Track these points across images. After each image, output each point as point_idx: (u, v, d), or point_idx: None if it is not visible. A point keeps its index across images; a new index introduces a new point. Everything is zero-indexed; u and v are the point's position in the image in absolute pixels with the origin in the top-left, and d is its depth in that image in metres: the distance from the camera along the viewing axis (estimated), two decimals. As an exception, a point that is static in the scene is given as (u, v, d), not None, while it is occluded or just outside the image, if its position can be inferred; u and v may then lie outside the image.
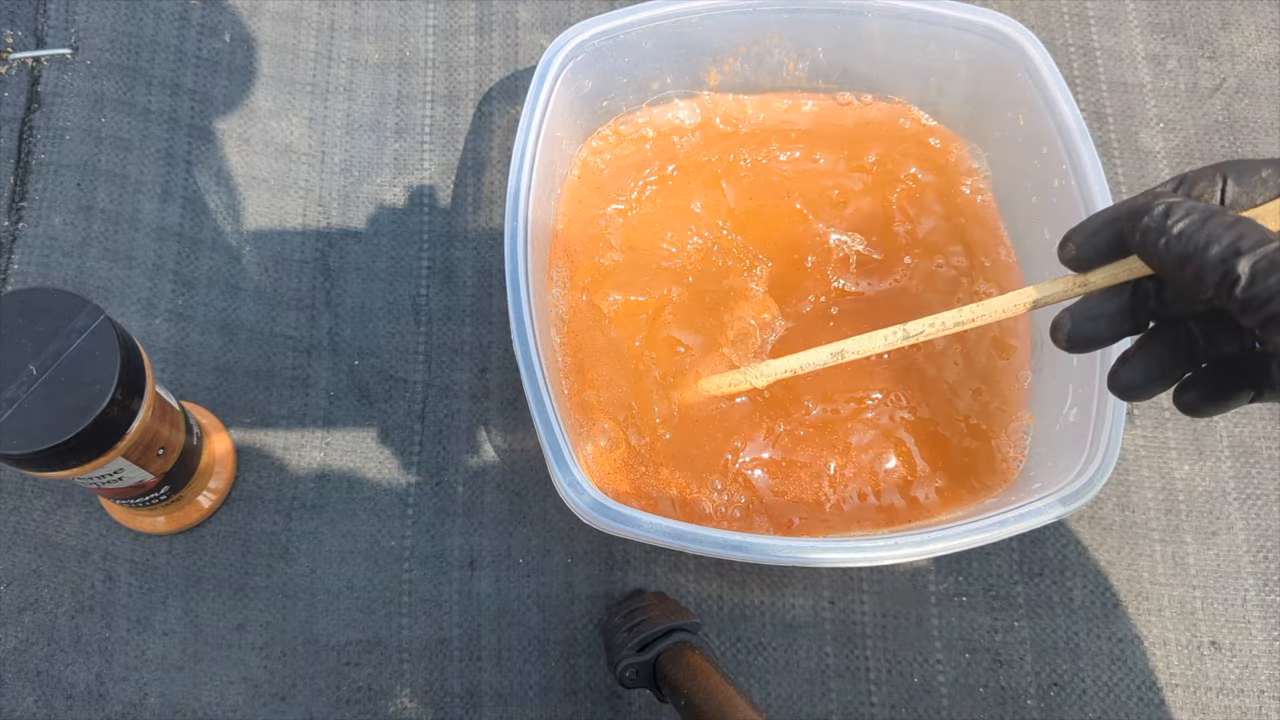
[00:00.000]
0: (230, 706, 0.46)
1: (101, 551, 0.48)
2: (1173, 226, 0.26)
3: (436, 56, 0.57)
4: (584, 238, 0.50)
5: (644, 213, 0.51)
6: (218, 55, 0.56)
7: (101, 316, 0.36)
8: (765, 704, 0.47)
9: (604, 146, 0.53)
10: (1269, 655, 0.48)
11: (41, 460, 0.35)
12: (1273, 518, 0.50)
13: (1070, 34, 0.58)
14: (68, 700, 0.46)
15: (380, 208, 0.54)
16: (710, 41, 0.50)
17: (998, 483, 0.47)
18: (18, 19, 0.56)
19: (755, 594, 0.48)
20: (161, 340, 0.51)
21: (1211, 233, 0.25)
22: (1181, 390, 0.30)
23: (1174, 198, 0.27)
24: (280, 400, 0.50)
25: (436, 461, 0.50)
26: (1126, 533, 0.49)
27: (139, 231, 0.52)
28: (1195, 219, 0.25)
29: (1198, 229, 0.25)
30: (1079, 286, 0.30)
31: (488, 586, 0.48)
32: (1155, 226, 0.26)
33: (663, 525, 0.40)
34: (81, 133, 0.53)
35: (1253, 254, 0.24)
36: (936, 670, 0.47)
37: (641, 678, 0.42)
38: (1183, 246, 0.25)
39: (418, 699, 0.46)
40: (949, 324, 0.34)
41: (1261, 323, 0.24)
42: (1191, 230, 0.25)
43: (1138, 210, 0.27)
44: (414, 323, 0.52)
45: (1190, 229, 0.25)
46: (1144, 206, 0.27)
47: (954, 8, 0.48)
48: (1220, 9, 0.59)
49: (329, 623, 0.47)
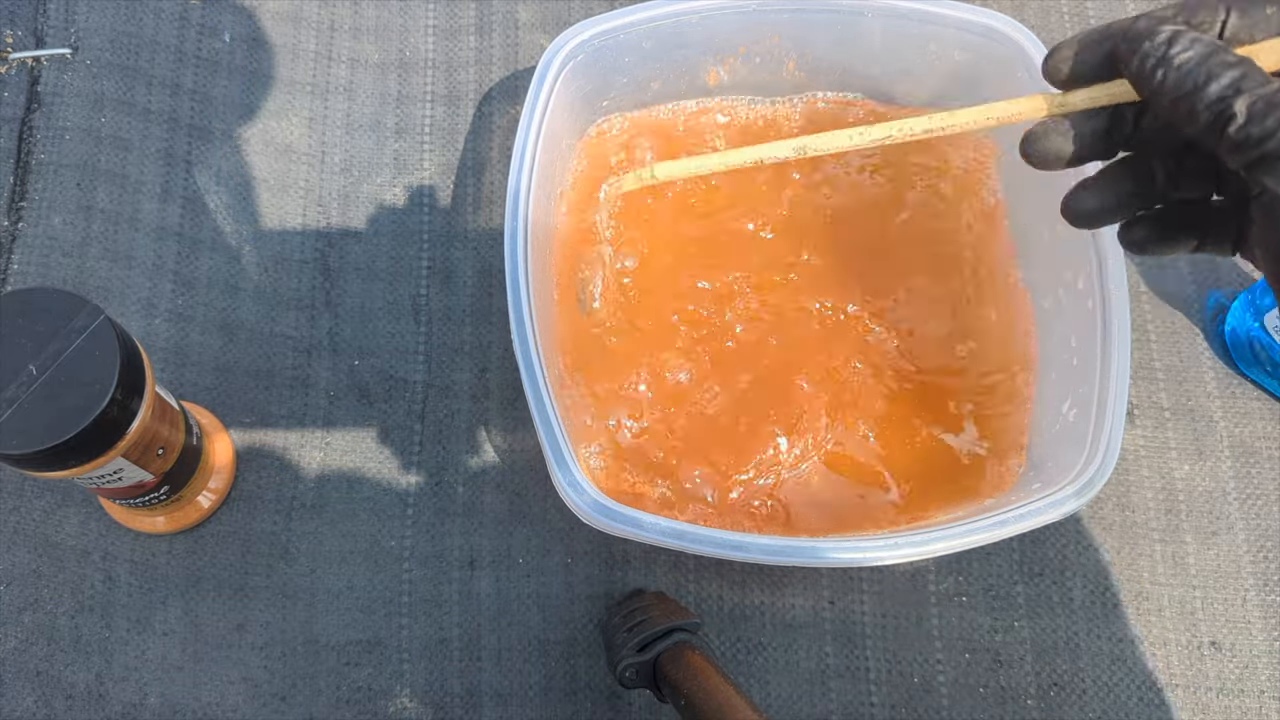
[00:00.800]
0: (230, 706, 0.46)
1: (101, 551, 0.48)
2: (1174, 57, 0.25)
3: (436, 56, 0.57)
4: (584, 238, 0.50)
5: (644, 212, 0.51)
6: (218, 55, 0.56)
7: (101, 316, 0.36)
8: (765, 704, 0.47)
9: (604, 146, 0.53)
10: (1269, 655, 0.48)
11: (41, 460, 0.35)
12: (1273, 518, 0.50)
13: (1070, 34, 0.58)
14: (68, 700, 0.46)
15: (380, 208, 0.54)
16: (710, 41, 0.50)
17: (998, 483, 0.47)
18: (18, 19, 0.56)
19: (755, 594, 0.48)
20: (161, 340, 0.51)
21: (1213, 69, 0.24)
22: (1129, 225, 0.30)
23: (1177, 25, 0.26)
24: (280, 400, 0.50)
25: (436, 461, 0.50)
26: (1126, 533, 0.49)
27: (139, 231, 0.52)
28: (1198, 52, 0.25)
29: (1200, 63, 0.25)
30: (1056, 106, 0.29)
31: (488, 586, 0.48)
32: (1156, 55, 0.26)
33: (663, 525, 0.40)
34: (81, 133, 0.53)
35: (1250, 94, 0.24)
36: (936, 670, 0.47)
37: (641, 678, 0.42)
38: (1182, 79, 0.25)
39: (418, 699, 0.46)
40: (917, 130, 0.32)
41: (1249, 163, 0.24)
42: (1193, 64, 0.25)
43: (1138, 34, 0.26)
44: (414, 323, 0.52)
45: (1192, 62, 0.25)
46: (1145, 30, 0.26)
47: (954, 8, 0.48)
48: (1220, 9, 0.59)
49: (329, 623, 0.47)
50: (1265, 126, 0.23)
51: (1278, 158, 0.23)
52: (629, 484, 0.46)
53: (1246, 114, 0.24)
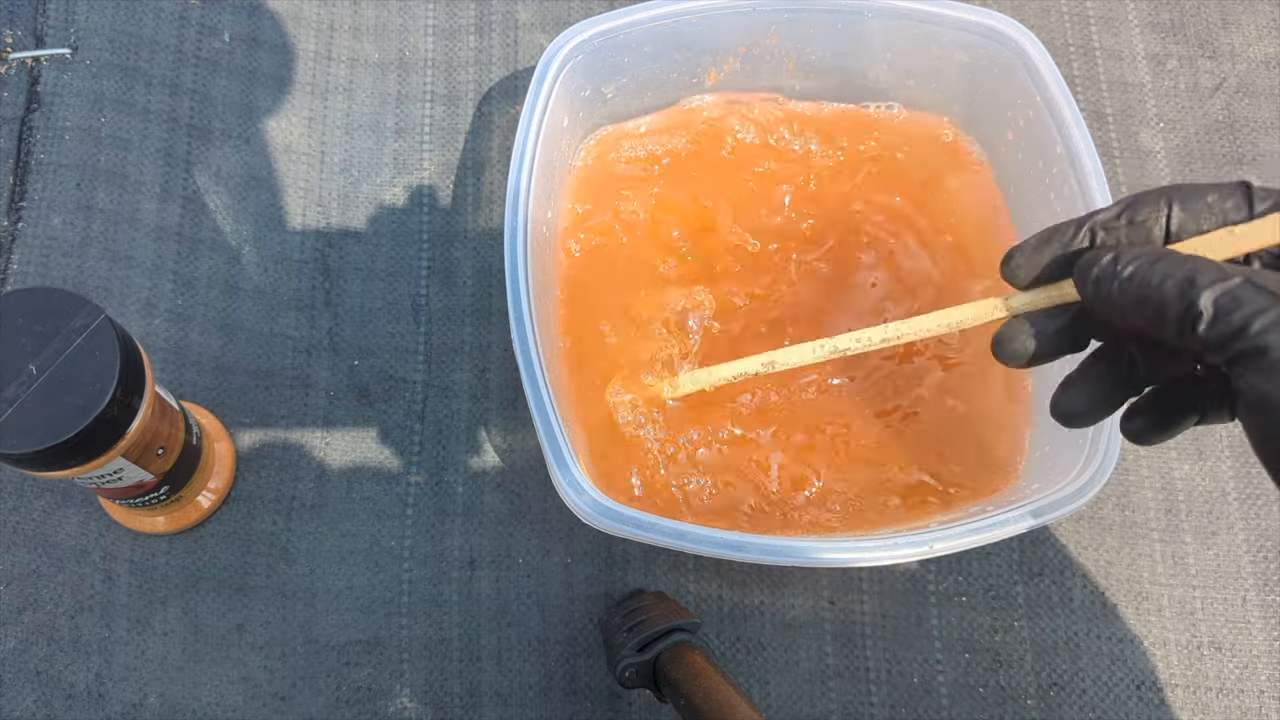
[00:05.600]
0: (230, 706, 0.46)
1: (101, 551, 0.48)
2: (1123, 271, 0.25)
3: (436, 56, 0.57)
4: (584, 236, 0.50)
5: (644, 212, 0.51)
6: (217, 55, 0.56)
7: (101, 316, 0.36)
8: (765, 704, 0.47)
9: (604, 146, 0.53)
10: (1269, 655, 0.48)
11: (41, 460, 0.35)
12: (1273, 518, 0.50)
13: (1070, 34, 0.58)
14: (67, 700, 0.46)
15: (380, 207, 0.54)
16: (710, 41, 0.50)
17: (998, 483, 0.47)
18: (17, 19, 0.56)
19: (755, 594, 0.48)
20: (161, 340, 0.51)
21: (1166, 271, 0.24)
22: (1127, 418, 0.29)
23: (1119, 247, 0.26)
24: (280, 400, 0.50)
25: (436, 461, 0.50)
26: (1126, 533, 0.49)
27: (139, 231, 0.52)
28: (1145, 260, 0.25)
29: (1149, 269, 0.25)
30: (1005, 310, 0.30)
31: (487, 586, 0.48)
32: (1106, 275, 0.26)
33: (663, 525, 0.40)
34: (81, 132, 0.53)
35: (1212, 288, 0.23)
36: (936, 670, 0.47)
37: (641, 678, 0.42)
38: (1137, 289, 0.25)
39: (418, 699, 0.46)
40: (875, 340, 0.34)
41: (1229, 360, 0.23)
42: (1143, 272, 0.25)
43: (1085, 264, 0.27)
44: (414, 323, 0.52)
45: (1142, 270, 0.25)
46: (1091, 258, 0.26)
47: (954, 8, 0.48)
48: (1220, 9, 0.59)
49: (329, 623, 0.47)
50: (1232, 323, 0.23)
51: (1253, 354, 0.23)
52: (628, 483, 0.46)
53: (1214, 309, 0.23)
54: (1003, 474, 0.47)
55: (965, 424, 0.48)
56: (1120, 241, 0.27)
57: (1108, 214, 0.28)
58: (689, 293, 0.49)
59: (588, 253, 0.50)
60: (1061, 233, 0.28)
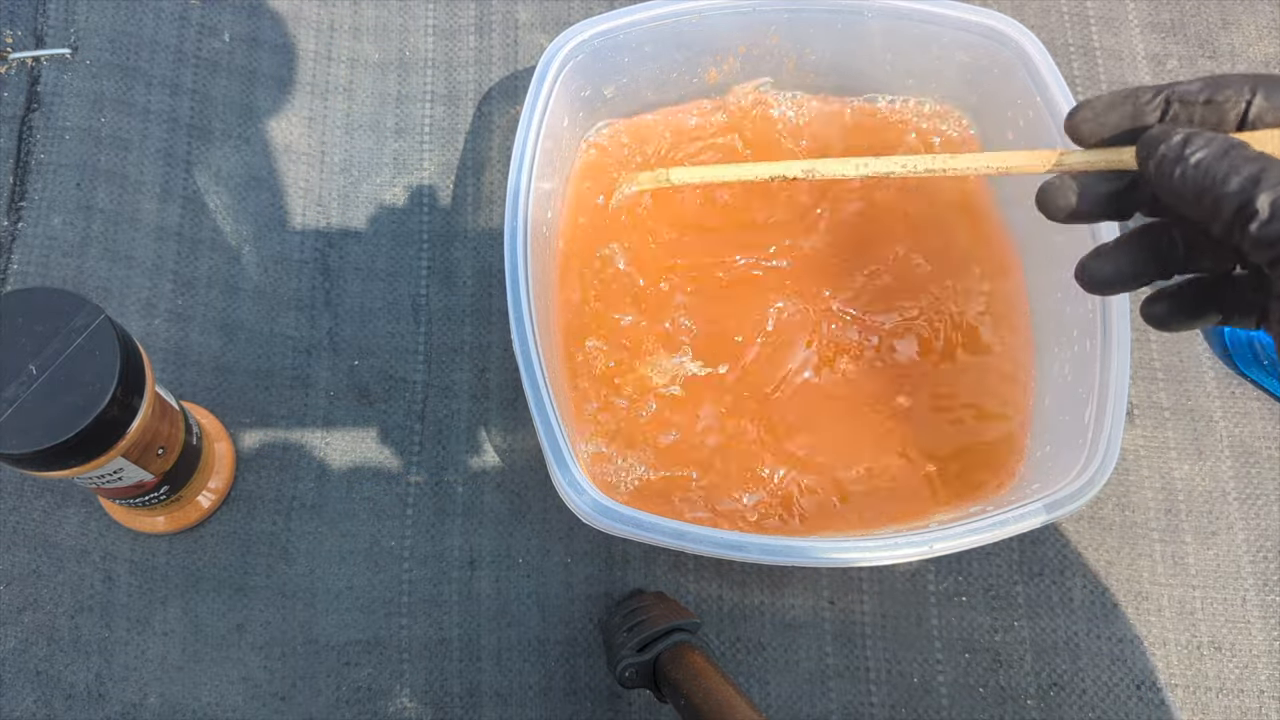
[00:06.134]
0: (230, 706, 0.46)
1: (101, 551, 0.48)
2: (1190, 155, 0.25)
3: (436, 56, 0.57)
4: (584, 237, 0.50)
5: (644, 211, 0.51)
6: (217, 55, 0.56)
7: (101, 316, 0.36)
8: (765, 704, 0.47)
9: (603, 146, 0.53)
10: (1269, 655, 0.48)
11: (41, 460, 0.35)
12: (1273, 518, 0.50)
13: (1070, 34, 0.58)
14: (67, 700, 0.46)
15: (380, 207, 0.54)
16: (710, 41, 0.50)
17: (997, 483, 0.47)
18: (18, 19, 0.56)
19: (755, 594, 0.48)
20: (161, 340, 0.51)
21: (1232, 164, 0.24)
22: (1151, 301, 0.29)
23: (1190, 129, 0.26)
24: (280, 400, 0.50)
25: (436, 461, 0.50)
26: (1126, 533, 0.49)
27: (138, 231, 0.52)
28: (1215, 149, 0.24)
29: (1217, 159, 0.24)
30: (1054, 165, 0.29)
31: (487, 586, 0.48)
32: (1172, 156, 0.25)
33: (663, 525, 0.40)
34: (81, 132, 0.53)
35: (1274, 190, 0.23)
36: (936, 670, 0.47)
37: (641, 678, 0.42)
38: (1200, 177, 0.24)
39: (418, 699, 0.46)
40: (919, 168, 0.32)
41: (1271, 261, 0.23)
42: (1210, 160, 0.24)
43: (1153, 138, 0.26)
44: (414, 323, 0.52)
45: (1210, 158, 0.24)
46: (1160, 134, 0.26)
47: (954, 8, 0.48)
48: (1220, 9, 0.59)
49: (329, 623, 0.47)
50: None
51: None
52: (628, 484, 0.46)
53: (1269, 210, 0.23)
54: (1003, 474, 0.47)
55: (965, 423, 0.48)
56: (1194, 120, 0.27)
57: (1190, 87, 0.27)
58: (688, 292, 0.49)
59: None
60: (1138, 96, 0.27)
